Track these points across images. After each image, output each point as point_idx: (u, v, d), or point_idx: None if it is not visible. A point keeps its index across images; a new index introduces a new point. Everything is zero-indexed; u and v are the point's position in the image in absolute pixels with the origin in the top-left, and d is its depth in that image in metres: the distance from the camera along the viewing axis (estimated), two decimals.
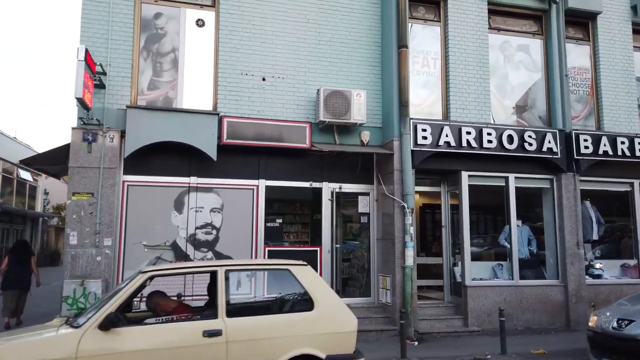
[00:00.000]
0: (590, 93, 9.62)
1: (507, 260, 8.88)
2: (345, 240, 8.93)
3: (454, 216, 9.12)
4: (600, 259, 9.45)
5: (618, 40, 9.66)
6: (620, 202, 9.59)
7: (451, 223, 8.92)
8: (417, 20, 8.94)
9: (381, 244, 8.52)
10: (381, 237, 8.54)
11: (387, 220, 8.29)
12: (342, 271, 8.73)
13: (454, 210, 8.94)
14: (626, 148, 9.01)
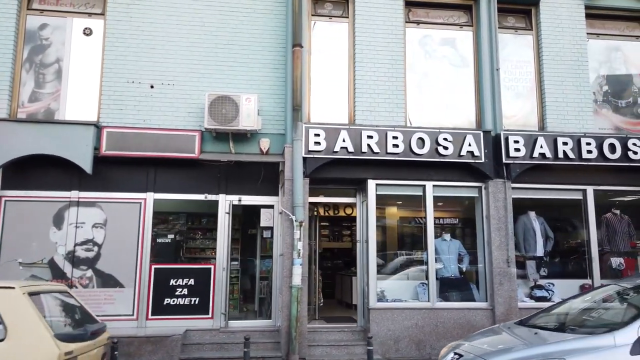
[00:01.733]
0: (533, 88, 8.44)
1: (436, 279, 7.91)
2: (248, 256, 8.27)
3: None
4: (553, 279, 8.16)
5: (567, 27, 8.46)
6: (575, 212, 8.29)
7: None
8: (323, 17, 8.24)
9: (284, 260, 7.79)
10: (283, 253, 7.81)
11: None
12: (241, 290, 8.06)
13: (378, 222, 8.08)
14: (570, 150, 7.78)
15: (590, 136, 7.88)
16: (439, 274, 7.93)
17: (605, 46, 8.72)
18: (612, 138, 7.89)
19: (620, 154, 7.85)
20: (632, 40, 8.78)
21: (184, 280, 7.65)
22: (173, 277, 7.65)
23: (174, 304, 7.58)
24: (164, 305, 7.55)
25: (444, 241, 8.08)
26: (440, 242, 8.07)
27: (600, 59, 8.66)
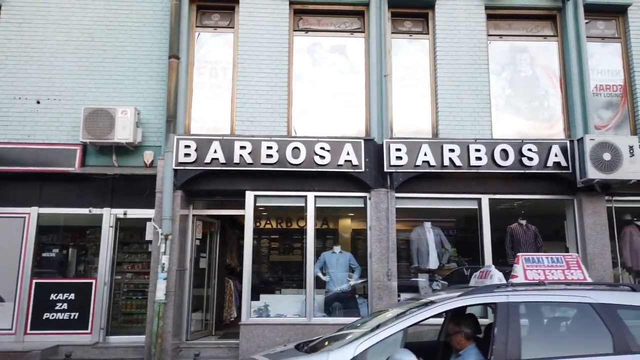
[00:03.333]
0: (428, 94, 8.12)
1: (324, 293, 7.66)
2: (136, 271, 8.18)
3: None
4: None
5: (465, 30, 8.12)
6: (473, 222, 7.87)
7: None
8: (208, 28, 8.19)
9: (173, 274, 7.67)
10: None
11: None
12: (129, 305, 7.96)
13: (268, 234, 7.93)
14: (457, 157, 7.41)
15: (481, 142, 7.49)
16: (328, 287, 7.67)
17: (510, 48, 8.32)
18: (505, 144, 7.48)
19: (514, 161, 7.43)
20: (539, 41, 8.35)
21: (64, 294, 7.63)
22: (54, 291, 7.64)
23: (53, 319, 7.55)
24: (43, 319, 7.54)
25: (334, 254, 7.82)
26: (330, 255, 7.81)
27: (503, 62, 8.26)
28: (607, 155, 7.04)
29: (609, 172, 7.03)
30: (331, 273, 7.72)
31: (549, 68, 8.24)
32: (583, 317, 3.58)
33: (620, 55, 8.27)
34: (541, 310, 3.83)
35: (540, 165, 7.44)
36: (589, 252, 7.41)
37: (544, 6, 8.26)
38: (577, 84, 7.94)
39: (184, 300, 7.65)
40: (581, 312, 3.60)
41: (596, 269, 7.35)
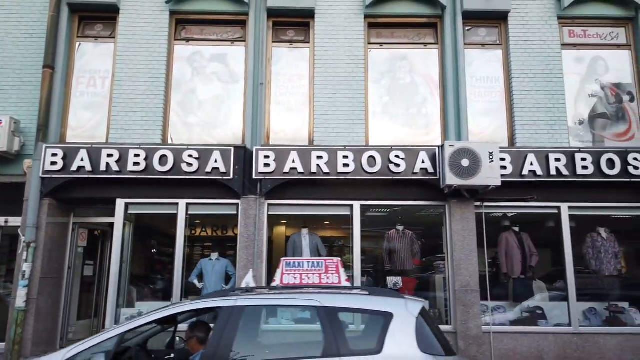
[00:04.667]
0: (306, 102, 8.20)
1: None
2: None
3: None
4: None
5: (343, 39, 8.21)
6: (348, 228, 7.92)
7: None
8: (89, 38, 8.30)
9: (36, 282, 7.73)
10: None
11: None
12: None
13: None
14: (325, 164, 7.47)
15: (350, 149, 7.55)
16: (203, 295, 7.70)
17: (390, 56, 8.40)
18: (373, 151, 7.53)
19: (382, 167, 7.48)
20: (420, 49, 8.43)
21: None
22: None
23: None
24: None
25: (210, 261, 7.86)
26: (207, 262, 7.85)
27: (383, 69, 8.34)
28: (465, 162, 7.08)
29: (467, 178, 7.07)
30: (207, 280, 7.75)
31: (429, 76, 8.32)
32: (308, 320, 3.63)
33: (501, 62, 8.34)
34: (269, 313, 3.88)
35: (409, 171, 7.49)
36: (456, 257, 7.44)
37: (425, 14, 8.36)
38: (452, 90, 8.01)
39: (59, 308, 7.70)
40: (308, 315, 3.65)
41: (462, 274, 7.37)
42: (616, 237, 7.89)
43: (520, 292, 7.88)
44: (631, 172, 7.46)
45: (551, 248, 7.90)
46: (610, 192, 7.64)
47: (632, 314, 7.73)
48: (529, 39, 8.21)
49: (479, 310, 7.28)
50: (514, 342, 7.22)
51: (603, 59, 8.34)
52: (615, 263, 7.80)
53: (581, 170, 7.48)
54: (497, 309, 7.77)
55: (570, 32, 8.43)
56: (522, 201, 7.70)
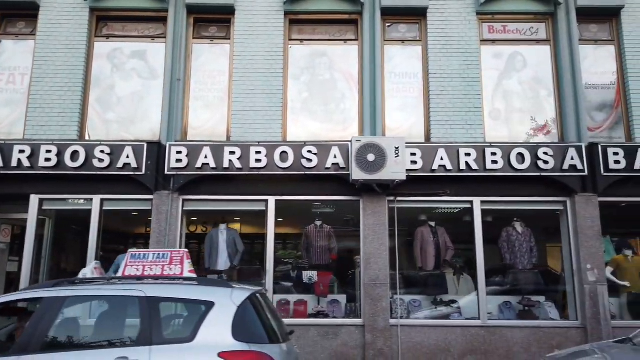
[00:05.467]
0: (225, 98, 8.24)
1: None
2: None
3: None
4: None
5: (262, 35, 8.26)
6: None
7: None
8: (10, 35, 8.34)
9: None
10: None
11: None
12: None
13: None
14: (237, 159, 7.52)
15: (264, 145, 7.60)
16: None
17: (310, 52, 8.45)
18: (286, 146, 7.59)
19: (295, 162, 7.53)
20: (341, 45, 8.48)
21: None
22: None
23: None
24: None
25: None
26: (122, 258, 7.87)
27: (303, 66, 8.39)
28: (371, 156, 7.14)
29: (373, 172, 7.13)
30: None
31: (348, 72, 8.37)
32: (131, 310, 3.69)
33: (420, 58, 8.39)
34: (94, 303, 3.93)
35: (321, 167, 7.55)
36: (366, 251, 7.50)
37: (345, 10, 8.41)
38: (370, 86, 8.06)
39: None
40: (131, 304, 3.70)
41: (372, 268, 7.43)
42: (533, 232, 7.96)
43: (434, 285, 7.96)
44: (541, 166, 7.53)
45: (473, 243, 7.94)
46: (521, 187, 7.70)
47: (547, 308, 7.80)
48: (448, 35, 8.27)
49: (387, 304, 7.35)
50: (422, 335, 7.28)
51: (522, 54, 8.40)
52: (530, 257, 7.87)
53: (491, 165, 7.55)
54: (413, 302, 7.84)
55: (490, 28, 8.49)
56: (435, 196, 7.76)
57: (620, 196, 7.68)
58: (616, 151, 7.54)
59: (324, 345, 7.22)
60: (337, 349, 7.21)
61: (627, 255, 7.78)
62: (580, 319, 7.35)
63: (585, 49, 8.37)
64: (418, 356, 7.20)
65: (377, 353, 7.13)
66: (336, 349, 7.21)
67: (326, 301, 7.82)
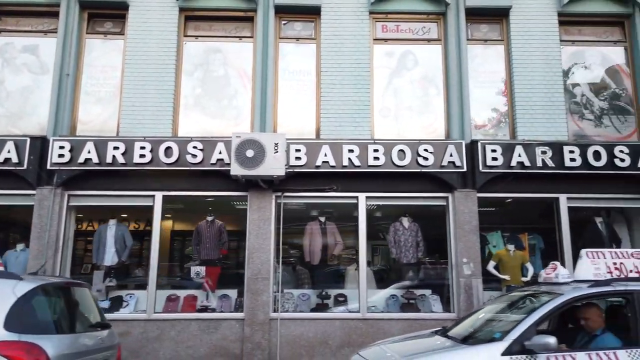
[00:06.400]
0: (117, 93, 8.24)
1: None
2: None
3: None
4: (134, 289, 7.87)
5: (155, 30, 8.26)
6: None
7: None
8: None
9: None
10: None
11: None
12: None
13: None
14: (121, 154, 7.55)
15: (149, 140, 7.64)
16: None
17: (205, 48, 8.50)
18: (171, 142, 7.64)
19: (180, 158, 7.58)
20: (235, 42, 8.55)
21: None
22: None
23: None
24: None
25: (15, 252, 7.85)
26: (12, 254, 7.84)
27: (197, 62, 8.44)
28: (250, 152, 7.23)
29: (251, 168, 7.22)
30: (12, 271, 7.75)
31: (243, 68, 8.44)
32: None
33: (314, 56, 8.50)
34: None
35: (207, 162, 7.61)
36: (249, 246, 7.61)
37: (241, 8, 8.48)
38: (262, 83, 8.15)
39: None
40: None
41: (254, 262, 7.53)
42: (420, 227, 8.15)
43: (325, 279, 8.11)
44: (421, 162, 7.71)
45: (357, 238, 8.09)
46: (405, 183, 7.88)
47: (432, 300, 8.00)
48: (341, 33, 8.39)
49: (268, 298, 7.46)
50: (302, 328, 7.41)
51: (414, 53, 8.58)
52: (416, 251, 8.06)
53: (373, 161, 7.70)
54: (302, 296, 7.96)
55: (384, 27, 8.65)
56: (322, 191, 7.89)
57: (498, 192, 7.91)
58: (494, 148, 7.76)
59: (203, 339, 7.30)
60: (216, 343, 7.30)
61: (509, 250, 8.02)
62: (456, 311, 7.57)
63: (475, 48, 8.59)
64: (296, 348, 7.33)
65: (255, 346, 7.24)
66: (216, 342, 7.30)
67: (216, 296, 7.90)
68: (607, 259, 4.36)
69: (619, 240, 8.13)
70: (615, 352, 3.55)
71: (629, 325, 3.79)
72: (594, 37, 8.68)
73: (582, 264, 4.42)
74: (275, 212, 7.81)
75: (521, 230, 8.58)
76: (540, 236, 8.54)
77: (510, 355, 3.55)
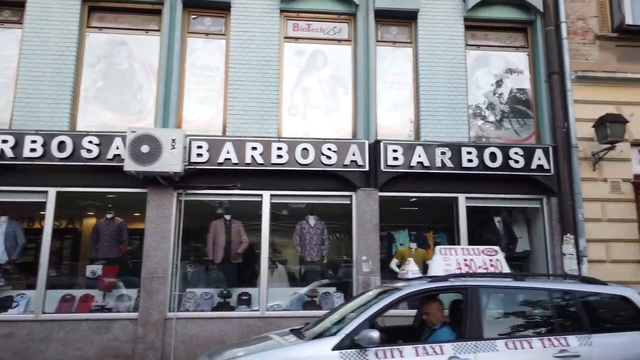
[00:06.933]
0: (11, 84, 7.88)
1: None
2: None
3: None
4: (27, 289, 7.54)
5: (57, 21, 7.92)
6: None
7: None
8: None
9: None
10: None
11: None
12: None
13: None
14: (10, 148, 7.24)
15: (41, 134, 7.36)
16: None
17: (109, 40, 8.24)
18: (64, 136, 7.38)
19: (74, 153, 7.33)
20: (142, 35, 8.32)
21: None
22: None
23: None
24: None
25: None
26: None
27: (100, 54, 8.18)
28: (145, 148, 7.06)
29: (146, 164, 7.05)
30: None
31: (149, 62, 8.25)
32: None
33: (224, 52, 8.40)
34: None
35: (103, 158, 7.40)
36: (146, 244, 7.44)
37: (148, 0, 8.27)
38: (166, 77, 7.98)
39: None
40: None
41: (151, 261, 7.37)
42: (327, 225, 8.19)
43: (226, 278, 8.01)
44: (324, 161, 7.76)
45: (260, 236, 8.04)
46: (310, 181, 7.90)
47: (335, 298, 8.06)
48: (251, 30, 8.33)
49: (164, 297, 7.31)
50: (199, 327, 7.30)
51: (324, 53, 8.62)
52: (321, 250, 8.09)
53: (277, 159, 7.68)
54: (204, 295, 7.84)
55: (295, 26, 8.65)
56: (225, 189, 7.80)
57: (400, 191, 8.06)
58: (395, 148, 7.90)
59: (94, 340, 7.07)
60: (107, 344, 7.09)
61: (411, 248, 8.18)
62: None
63: (384, 50, 8.72)
64: (192, 348, 7.21)
65: (148, 346, 7.08)
66: (107, 343, 7.09)
67: (115, 296, 7.68)
68: (459, 256, 4.48)
69: (516, 239, 8.43)
70: (442, 346, 3.65)
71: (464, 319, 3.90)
72: (498, 42, 8.98)
73: (435, 260, 4.54)
74: (176, 209, 7.67)
75: (427, 229, 8.78)
76: (444, 235, 8.74)
77: (341, 350, 3.59)
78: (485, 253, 4.52)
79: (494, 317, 4.02)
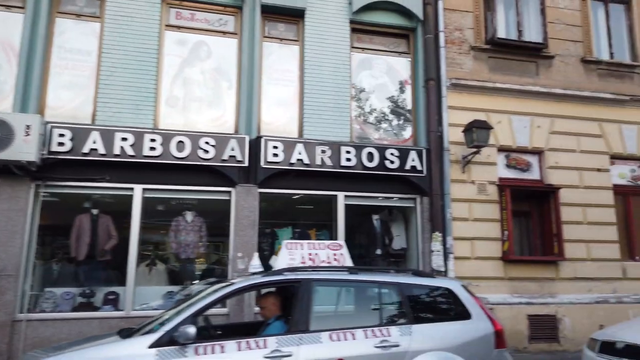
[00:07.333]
0: None
1: None
2: None
3: None
4: None
5: None
6: None
7: None
8: None
9: None
10: None
11: None
12: None
13: None
14: None
15: None
16: None
17: None
18: None
19: None
20: (2, 11, 7.58)
21: None
22: None
23: None
24: None
25: None
26: None
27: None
28: None
29: None
30: None
31: (8, 42, 7.51)
32: None
33: (97, 36, 7.87)
34: None
35: None
36: None
37: None
38: (27, 58, 7.31)
39: None
40: None
41: (0, 258, 6.70)
42: (205, 221, 7.96)
43: (91, 277, 7.51)
44: (201, 155, 7.54)
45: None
46: (188, 176, 7.62)
47: None
48: (129, 14, 7.89)
49: (13, 297, 6.69)
50: (54, 329, 6.77)
51: (208, 44, 8.39)
52: (197, 246, 7.86)
53: (149, 152, 7.34)
54: (66, 295, 7.27)
55: (178, 14, 8.33)
56: (92, 181, 7.31)
57: (280, 188, 8.04)
58: (276, 145, 7.87)
59: None
60: None
61: None
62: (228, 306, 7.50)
63: (271, 46, 8.66)
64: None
65: None
66: None
67: None
68: (304, 250, 4.50)
69: (392, 236, 8.74)
70: (266, 340, 3.62)
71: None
72: (382, 46, 9.27)
73: (281, 254, 4.52)
74: (33, 202, 7.05)
75: (312, 226, 8.84)
76: (328, 232, 8.86)
77: (159, 347, 3.43)
78: (330, 247, 4.59)
79: (325, 310, 4.07)
